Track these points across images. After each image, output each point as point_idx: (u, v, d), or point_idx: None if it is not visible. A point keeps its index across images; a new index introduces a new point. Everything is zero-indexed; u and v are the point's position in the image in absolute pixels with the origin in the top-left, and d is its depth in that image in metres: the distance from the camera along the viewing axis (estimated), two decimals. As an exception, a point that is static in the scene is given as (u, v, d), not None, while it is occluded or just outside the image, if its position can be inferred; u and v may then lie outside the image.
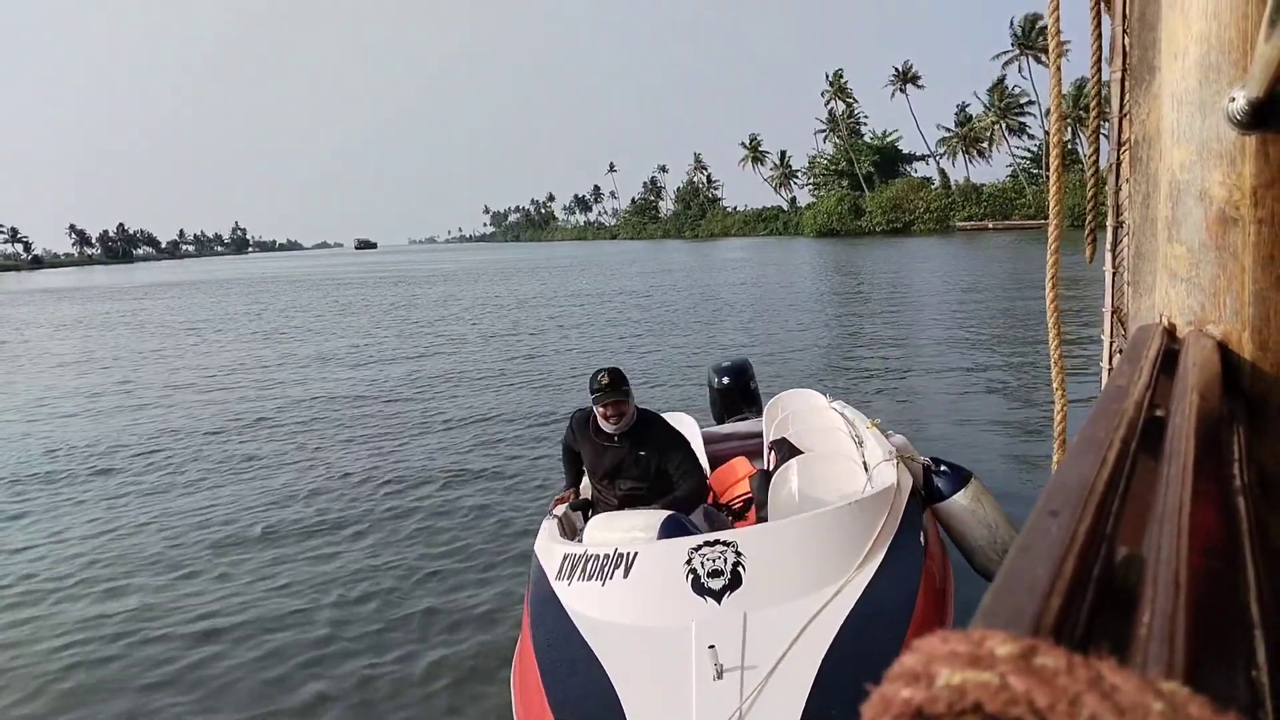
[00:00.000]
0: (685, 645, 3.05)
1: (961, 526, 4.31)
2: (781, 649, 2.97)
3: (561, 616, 3.51)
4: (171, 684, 4.67)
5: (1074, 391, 2.37)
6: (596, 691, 3.01)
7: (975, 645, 0.34)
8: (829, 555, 3.45)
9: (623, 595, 3.45)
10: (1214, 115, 1.16)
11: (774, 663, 2.91)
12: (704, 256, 61.64)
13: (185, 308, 35.10)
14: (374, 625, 5.17)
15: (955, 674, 0.33)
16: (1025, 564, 0.46)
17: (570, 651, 3.30)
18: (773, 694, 2.81)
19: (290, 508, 7.55)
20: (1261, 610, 0.60)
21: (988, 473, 5.72)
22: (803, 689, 2.81)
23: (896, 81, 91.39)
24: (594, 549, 3.77)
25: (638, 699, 2.91)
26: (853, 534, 3.57)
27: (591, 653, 3.21)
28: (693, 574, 3.36)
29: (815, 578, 3.35)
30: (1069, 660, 0.33)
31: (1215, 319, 1.20)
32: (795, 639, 3.01)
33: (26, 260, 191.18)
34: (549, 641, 3.44)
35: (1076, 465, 0.62)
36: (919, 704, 0.34)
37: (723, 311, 23.05)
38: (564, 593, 3.64)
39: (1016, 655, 0.34)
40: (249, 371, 16.33)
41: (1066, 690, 0.32)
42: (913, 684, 0.34)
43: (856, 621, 3.12)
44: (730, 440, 6.11)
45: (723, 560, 3.38)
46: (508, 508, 7.24)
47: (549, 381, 13.65)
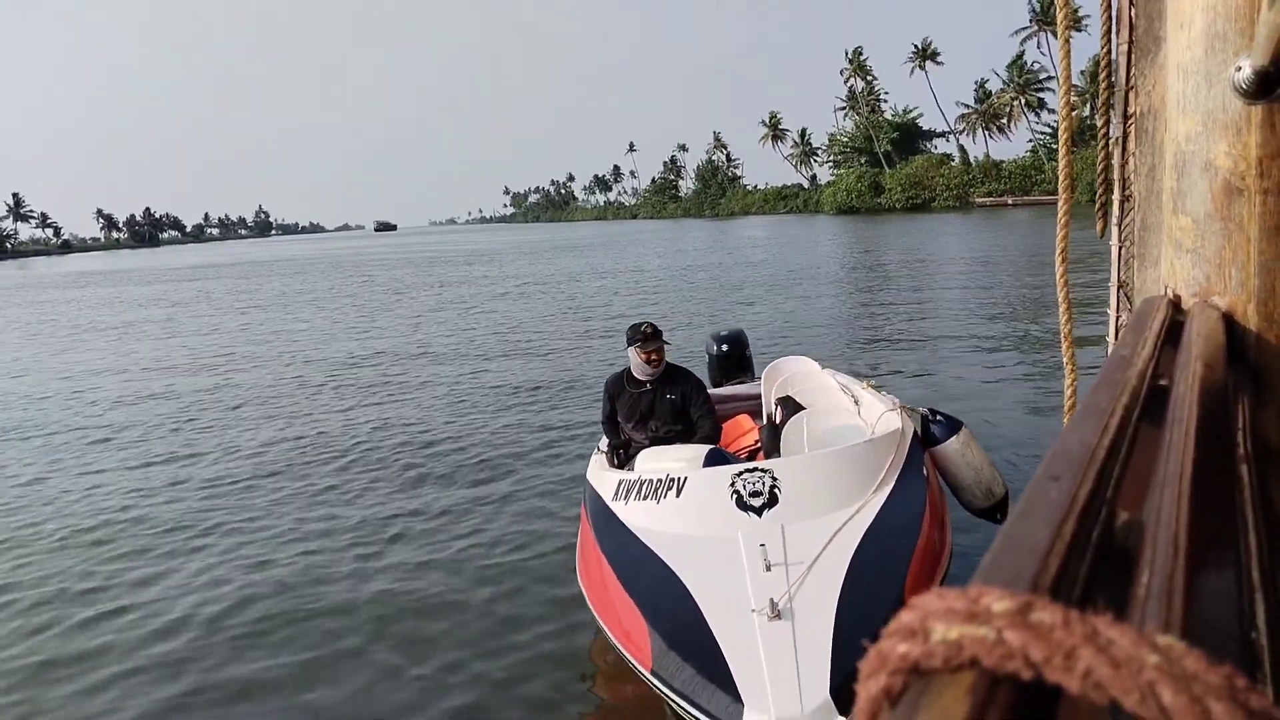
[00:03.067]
0: (735, 547, 3.60)
1: (953, 468, 4.91)
2: (816, 551, 3.52)
3: (623, 530, 4.09)
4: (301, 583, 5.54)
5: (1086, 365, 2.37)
6: (666, 582, 3.56)
7: (972, 602, 0.35)
8: (849, 482, 4.03)
9: (676, 511, 4.02)
10: (1220, 85, 1.15)
11: (812, 559, 3.47)
12: (724, 235, 61.89)
13: (255, 289, 34.57)
14: (456, 544, 6.12)
15: (951, 629, 0.34)
16: (1025, 527, 0.47)
17: (636, 554, 3.86)
18: (814, 582, 3.36)
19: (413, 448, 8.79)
20: (1262, 575, 0.61)
21: (1004, 443, 6.32)
22: (837, 579, 3.37)
23: (916, 58, 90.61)
24: (646, 475, 4.33)
25: (702, 586, 3.44)
26: (868, 465, 4.15)
27: (655, 555, 3.77)
28: (736, 494, 3.93)
29: (839, 499, 3.92)
30: (1065, 615, 0.33)
31: (1220, 290, 1.20)
32: (827, 544, 3.57)
33: (56, 245, 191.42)
34: (616, 548, 3.99)
35: (1078, 432, 0.62)
36: (915, 659, 0.34)
37: (743, 287, 23.48)
38: (621, 511, 4.22)
39: (1013, 611, 0.34)
40: (349, 339, 17.49)
41: (1062, 644, 0.32)
42: (909, 639, 0.34)
43: (876, 533, 3.70)
44: (732, 401, 6.65)
45: (761, 483, 3.95)
46: (562, 447, 8.43)
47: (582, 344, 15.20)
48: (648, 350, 5.26)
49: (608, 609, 3.78)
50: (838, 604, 3.24)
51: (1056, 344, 2.34)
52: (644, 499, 4.19)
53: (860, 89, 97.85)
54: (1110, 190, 2.14)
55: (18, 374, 15.61)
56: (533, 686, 4.25)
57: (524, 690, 4.23)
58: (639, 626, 3.46)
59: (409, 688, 4.31)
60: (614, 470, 4.84)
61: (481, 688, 4.27)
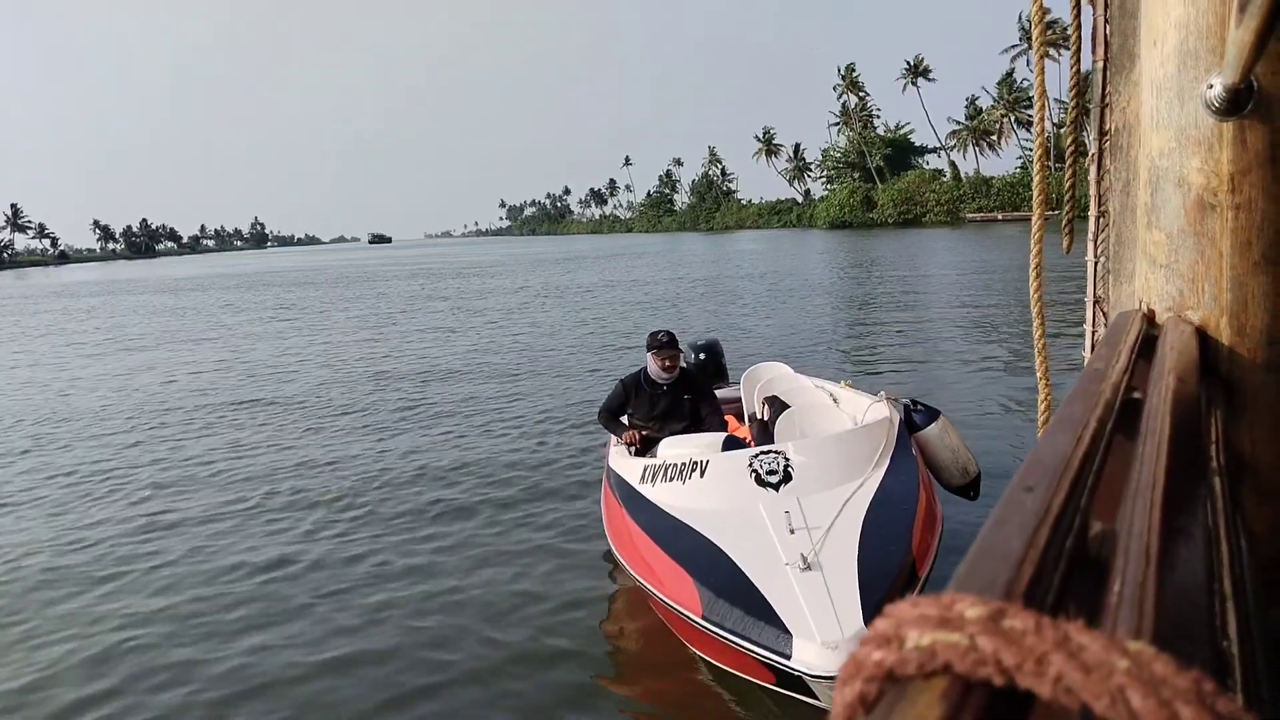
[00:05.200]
0: (759, 517, 4.10)
1: (933, 450, 5.41)
2: (831, 516, 4.03)
3: (654, 507, 4.57)
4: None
5: (1060, 379, 2.40)
6: (704, 546, 4.04)
7: (945, 608, 0.35)
8: (851, 460, 4.58)
9: (702, 489, 4.54)
10: (1192, 102, 1.17)
11: (829, 523, 3.97)
12: (719, 248, 62.91)
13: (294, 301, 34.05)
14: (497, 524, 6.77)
15: (925, 636, 0.34)
16: (999, 535, 0.47)
17: (670, 524, 4.35)
18: (833, 540, 3.87)
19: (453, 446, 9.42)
20: (1234, 585, 0.61)
21: (988, 451, 6.89)
22: (854, 537, 3.89)
23: (908, 75, 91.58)
24: (670, 460, 4.86)
25: (736, 548, 3.92)
26: (866, 446, 4.72)
27: (688, 525, 4.26)
28: (754, 473, 4.46)
29: (845, 474, 4.46)
30: (1037, 621, 0.34)
31: (1194, 305, 1.21)
32: (840, 510, 4.09)
33: (54, 255, 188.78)
34: (651, 522, 4.46)
35: (1052, 443, 0.63)
36: (890, 666, 0.34)
37: (738, 299, 24.16)
38: (649, 492, 4.74)
39: (985, 617, 0.34)
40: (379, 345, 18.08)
41: (1034, 650, 0.32)
42: (884, 647, 0.35)
43: (881, 501, 4.24)
44: None
45: (776, 463, 4.50)
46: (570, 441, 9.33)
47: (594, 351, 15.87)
48: (663, 356, 5.82)
49: (651, 572, 4.18)
50: (858, 557, 3.74)
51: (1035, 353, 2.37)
52: (670, 481, 4.72)
53: (853, 105, 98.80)
54: (1077, 207, 2.17)
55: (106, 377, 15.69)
56: (573, 647, 4.72)
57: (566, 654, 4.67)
58: (685, 583, 3.90)
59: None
60: (636, 458, 5.32)
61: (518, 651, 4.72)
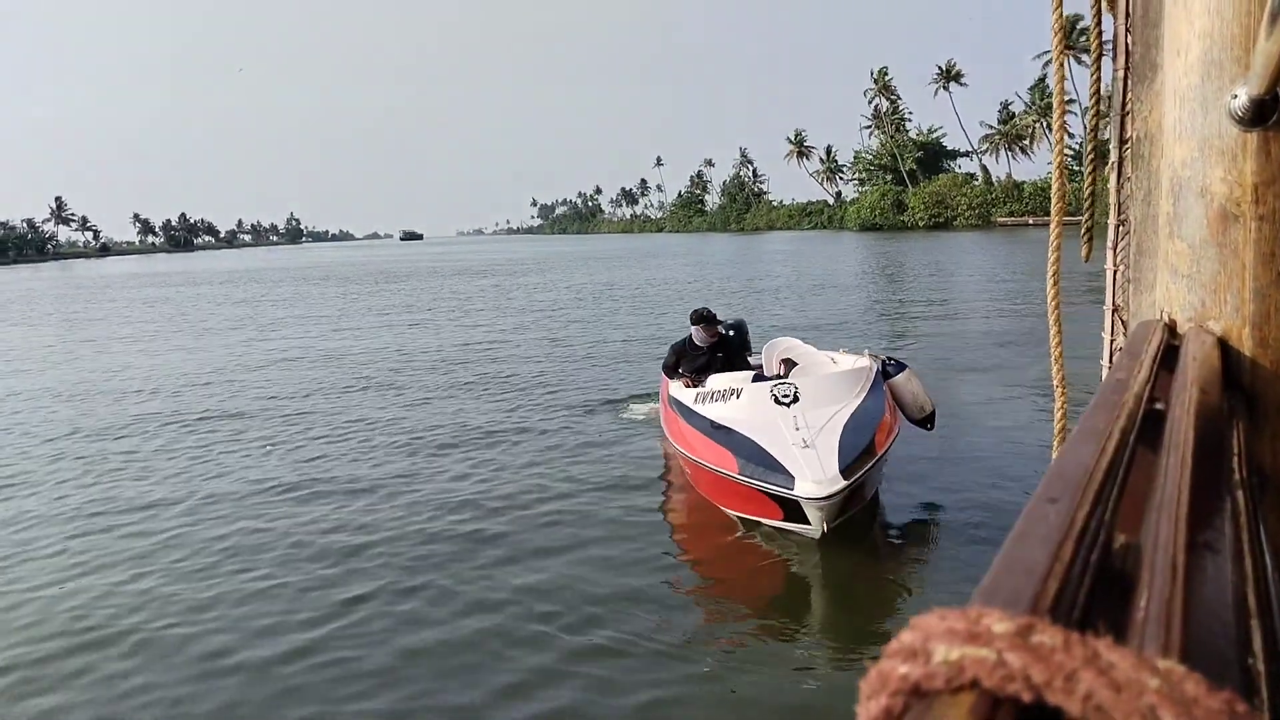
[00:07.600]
0: (776, 421, 6.51)
1: (900, 392, 7.82)
2: (824, 421, 6.46)
3: (704, 419, 7.02)
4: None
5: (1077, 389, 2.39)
6: (745, 439, 6.41)
7: (972, 623, 0.35)
8: (840, 391, 7.01)
9: (739, 405, 6.99)
10: (1216, 112, 1.16)
11: (822, 425, 6.42)
12: (750, 249, 63.91)
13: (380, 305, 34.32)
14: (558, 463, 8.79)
15: (953, 650, 0.33)
16: (1023, 548, 0.47)
17: (716, 426, 6.81)
18: (824, 433, 6.31)
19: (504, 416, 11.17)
20: (1259, 600, 0.61)
21: (1001, 456, 8.42)
22: (837, 430, 6.36)
23: (940, 79, 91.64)
24: (716, 388, 7.43)
25: (764, 437, 6.32)
26: (851, 382, 7.18)
27: (728, 427, 6.69)
28: (774, 397, 6.82)
29: (835, 399, 6.86)
30: (1066, 638, 0.33)
31: (1216, 315, 1.20)
32: (830, 418, 6.52)
33: (95, 248, 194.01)
34: (703, 424, 6.94)
35: (1075, 454, 0.62)
36: (916, 680, 0.34)
37: (773, 295, 25.69)
38: (701, 409, 7.19)
39: (1013, 632, 0.34)
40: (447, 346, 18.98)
41: (1063, 666, 0.32)
42: (910, 660, 0.34)
43: (858, 414, 6.67)
44: None
45: (789, 391, 6.84)
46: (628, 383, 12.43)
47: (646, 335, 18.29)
48: (706, 329, 8.42)
49: (702, 453, 6.68)
50: (839, 442, 6.18)
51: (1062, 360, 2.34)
52: (715, 402, 7.19)
53: (885, 108, 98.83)
54: (1097, 215, 2.15)
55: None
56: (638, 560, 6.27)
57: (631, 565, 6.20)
58: (727, 457, 6.40)
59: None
60: (690, 389, 7.71)
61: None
